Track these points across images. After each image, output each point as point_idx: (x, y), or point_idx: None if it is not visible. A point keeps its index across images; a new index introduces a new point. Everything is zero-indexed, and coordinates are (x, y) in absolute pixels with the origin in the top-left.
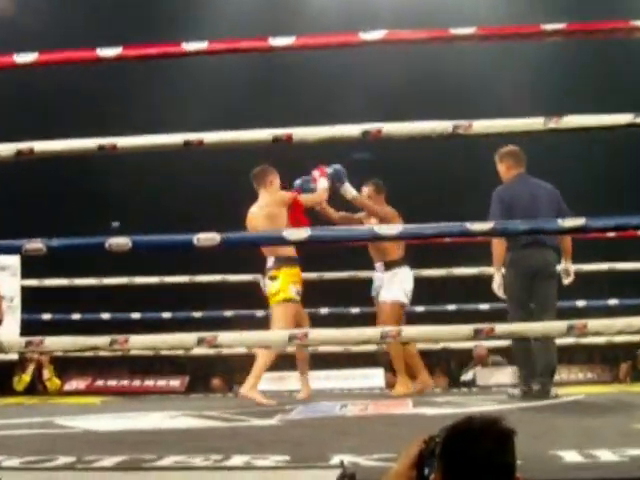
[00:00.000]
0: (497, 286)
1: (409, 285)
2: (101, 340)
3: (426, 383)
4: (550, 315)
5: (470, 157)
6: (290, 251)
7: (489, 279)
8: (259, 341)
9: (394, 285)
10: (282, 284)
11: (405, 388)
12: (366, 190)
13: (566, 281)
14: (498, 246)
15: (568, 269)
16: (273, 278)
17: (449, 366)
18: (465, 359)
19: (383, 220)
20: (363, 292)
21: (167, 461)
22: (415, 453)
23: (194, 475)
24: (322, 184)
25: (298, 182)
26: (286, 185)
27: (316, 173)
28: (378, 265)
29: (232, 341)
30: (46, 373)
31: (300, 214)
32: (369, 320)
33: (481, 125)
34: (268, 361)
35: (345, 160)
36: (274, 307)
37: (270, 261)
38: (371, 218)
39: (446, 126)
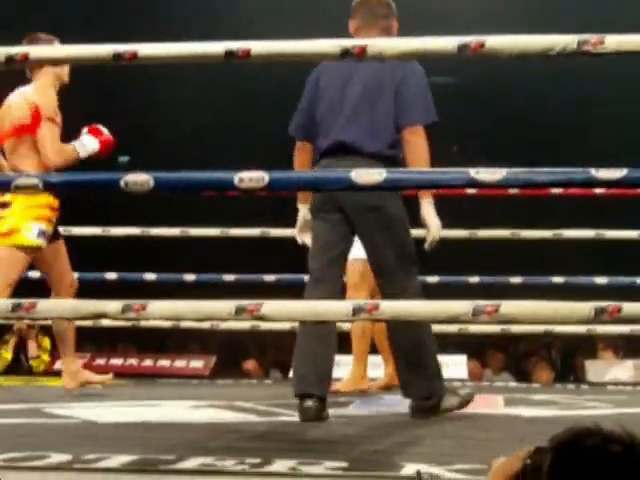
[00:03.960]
0: (299, 230)
1: None
2: (111, 306)
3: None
4: (408, 288)
5: (582, 88)
6: (41, 166)
7: (610, 245)
8: (314, 313)
9: None
10: (17, 219)
11: (353, 383)
12: None
13: (426, 244)
14: (298, 157)
15: (426, 219)
16: (4, 205)
17: (550, 355)
18: (570, 348)
19: None
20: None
21: (190, 463)
22: (514, 470)
23: None
24: (85, 144)
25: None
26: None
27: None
28: None
29: (280, 312)
30: (32, 349)
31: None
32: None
33: (618, 41)
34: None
35: None
36: None
37: None
38: None
39: (569, 41)
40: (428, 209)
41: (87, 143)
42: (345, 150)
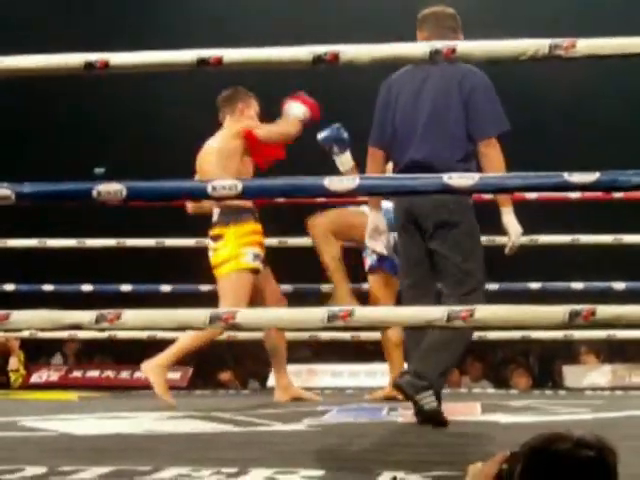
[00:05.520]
0: (369, 237)
1: None
2: (85, 316)
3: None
4: (470, 293)
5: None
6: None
7: (587, 250)
8: (289, 320)
9: None
10: (232, 248)
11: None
12: None
13: (507, 249)
14: (370, 165)
15: (507, 226)
16: (216, 238)
17: (527, 361)
18: (548, 354)
19: None
20: None
21: (166, 474)
22: (490, 474)
23: None
24: (295, 110)
25: (325, 134)
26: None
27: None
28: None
29: (254, 320)
30: (14, 362)
31: (259, 155)
32: None
33: (589, 45)
34: (194, 344)
35: None
36: (220, 280)
37: (215, 214)
38: None
39: (540, 45)
40: (509, 216)
41: (294, 110)
42: (420, 168)
